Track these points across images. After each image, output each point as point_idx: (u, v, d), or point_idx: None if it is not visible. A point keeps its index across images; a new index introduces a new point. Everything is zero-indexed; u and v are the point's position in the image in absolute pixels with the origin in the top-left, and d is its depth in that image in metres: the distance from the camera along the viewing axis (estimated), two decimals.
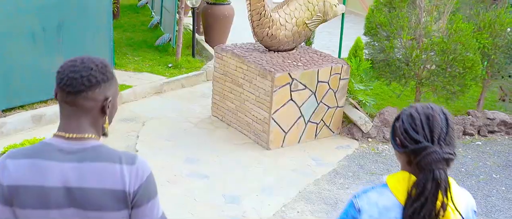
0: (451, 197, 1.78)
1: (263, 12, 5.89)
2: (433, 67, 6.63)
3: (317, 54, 6.50)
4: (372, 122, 6.48)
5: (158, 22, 11.05)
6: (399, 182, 1.82)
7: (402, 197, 1.79)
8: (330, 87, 6.20)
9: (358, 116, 6.47)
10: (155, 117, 6.63)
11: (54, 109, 6.25)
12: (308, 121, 6.16)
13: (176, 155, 5.62)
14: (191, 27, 9.66)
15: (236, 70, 6.25)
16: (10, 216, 1.69)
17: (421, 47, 6.47)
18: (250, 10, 5.89)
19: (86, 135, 1.71)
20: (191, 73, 8.19)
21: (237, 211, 4.67)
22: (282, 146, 6.02)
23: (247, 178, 5.27)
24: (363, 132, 6.44)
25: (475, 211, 1.95)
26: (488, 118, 6.89)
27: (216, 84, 6.63)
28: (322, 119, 6.29)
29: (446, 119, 1.80)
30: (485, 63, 6.97)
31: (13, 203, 1.66)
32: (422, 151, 1.75)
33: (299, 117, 6.05)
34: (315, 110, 6.16)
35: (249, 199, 4.88)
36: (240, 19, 10.59)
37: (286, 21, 6.14)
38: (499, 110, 7.23)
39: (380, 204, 1.82)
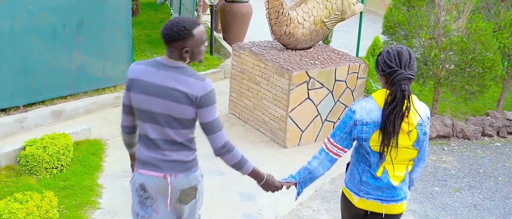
0: (412, 104, 2.76)
1: (281, 10, 5.89)
2: (452, 66, 6.58)
3: (335, 53, 6.49)
4: None
5: None
6: (380, 94, 2.81)
7: (381, 104, 2.78)
8: (347, 86, 6.19)
9: None
10: None
11: (73, 105, 6.33)
12: (325, 119, 6.16)
13: None
14: (209, 24, 9.70)
15: (253, 68, 6.26)
16: (128, 98, 2.85)
17: (440, 46, 6.42)
18: (268, 8, 5.90)
19: (177, 61, 2.77)
20: (209, 70, 8.23)
21: (253, 209, 4.69)
22: (298, 144, 6.03)
23: None
24: None
25: (428, 117, 2.89)
26: (508, 119, 6.82)
27: (234, 82, 6.66)
28: (339, 118, 6.28)
29: (410, 54, 2.75)
30: (506, 63, 6.89)
31: (130, 89, 2.81)
32: (394, 73, 2.72)
33: (316, 116, 6.05)
34: (332, 109, 6.16)
35: (265, 197, 4.89)
36: (258, 17, 10.61)
37: (304, 20, 6.14)
38: None
39: (367, 107, 2.81)
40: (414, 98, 2.79)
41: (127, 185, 4.95)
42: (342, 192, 3.13)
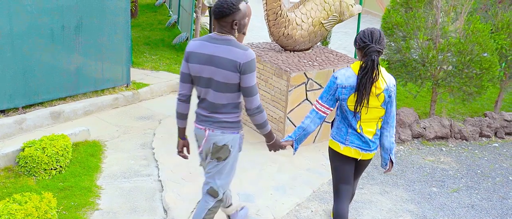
0: (380, 73, 3.50)
1: (279, 12, 5.91)
2: (450, 68, 6.60)
3: (333, 54, 6.51)
4: None
5: (175, 21, 11.14)
6: (357, 65, 3.55)
7: (357, 72, 3.53)
8: None
9: None
10: (172, 115, 6.69)
11: (72, 106, 6.35)
12: (323, 121, 6.17)
13: (191, 153, 5.66)
14: (208, 26, 9.71)
15: None
16: (187, 67, 3.44)
17: (437, 47, 6.44)
18: (266, 9, 5.91)
19: (226, 35, 3.35)
20: None
21: (251, 209, 4.70)
22: None
23: (261, 177, 5.30)
24: None
25: (394, 85, 3.63)
26: (506, 120, 6.84)
27: None
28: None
29: (380, 34, 3.48)
30: (503, 64, 6.91)
31: (188, 60, 3.42)
32: (366, 47, 3.47)
33: None
34: None
35: (263, 198, 4.91)
36: (257, 18, 10.64)
37: (302, 21, 6.16)
38: None
39: (346, 74, 3.57)
40: (382, 69, 3.57)
41: (126, 186, 4.96)
42: (329, 145, 3.83)
